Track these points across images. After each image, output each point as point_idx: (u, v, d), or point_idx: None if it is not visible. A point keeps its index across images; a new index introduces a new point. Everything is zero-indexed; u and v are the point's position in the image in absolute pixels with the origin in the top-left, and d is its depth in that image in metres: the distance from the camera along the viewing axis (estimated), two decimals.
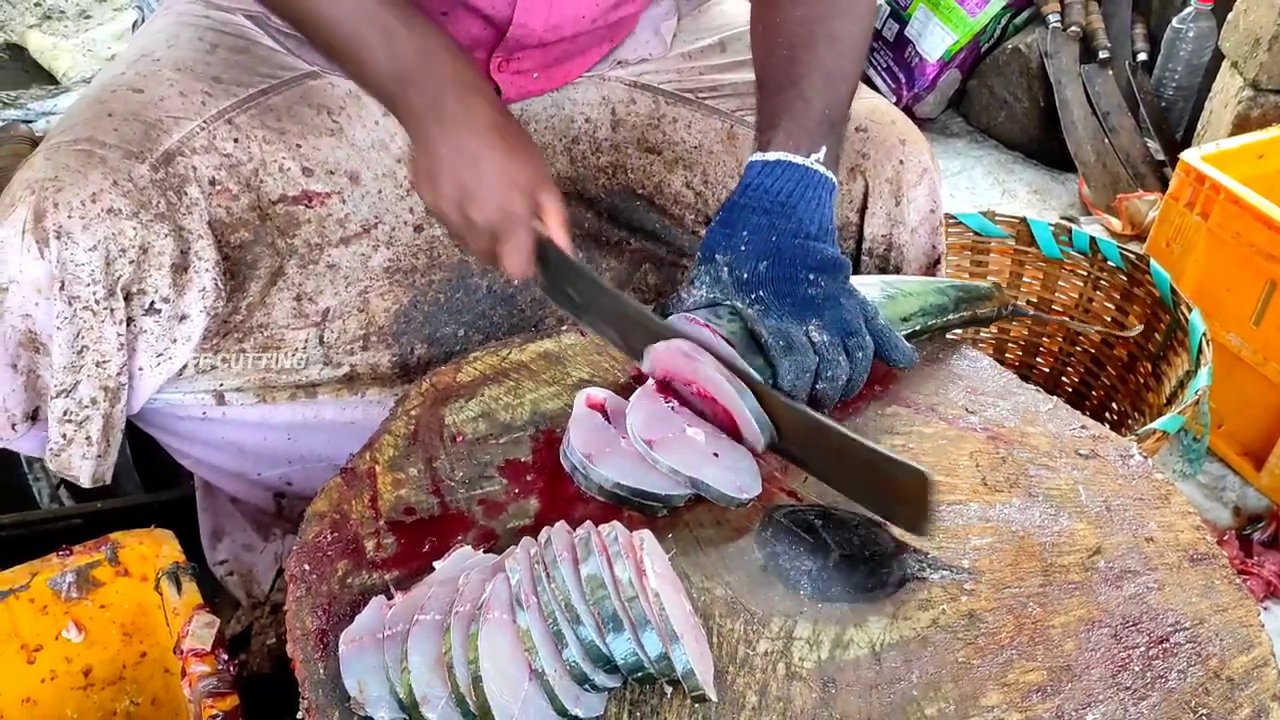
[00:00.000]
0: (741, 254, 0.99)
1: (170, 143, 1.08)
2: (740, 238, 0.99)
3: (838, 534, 0.90)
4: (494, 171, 0.97)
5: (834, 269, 1.00)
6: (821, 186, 1.01)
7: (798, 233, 0.99)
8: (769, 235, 0.99)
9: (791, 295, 0.98)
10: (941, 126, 2.88)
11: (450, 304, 1.25)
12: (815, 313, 0.98)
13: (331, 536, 0.88)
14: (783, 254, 0.98)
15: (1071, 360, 1.83)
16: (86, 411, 1.08)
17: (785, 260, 0.98)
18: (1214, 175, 1.73)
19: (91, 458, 1.11)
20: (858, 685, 0.79)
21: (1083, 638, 0.84)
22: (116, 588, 1.03)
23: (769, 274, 0.98)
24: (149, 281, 1.06)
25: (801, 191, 1.00)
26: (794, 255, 0.98)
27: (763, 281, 0.98)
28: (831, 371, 0.96)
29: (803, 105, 1.03)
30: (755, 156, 1.03)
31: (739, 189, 1.02)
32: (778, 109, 1.04)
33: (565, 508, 0.91)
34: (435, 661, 0.73)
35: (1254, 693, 0.81)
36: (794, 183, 1.00)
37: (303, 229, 1.17)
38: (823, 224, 1.01)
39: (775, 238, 0.99)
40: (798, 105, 1.04)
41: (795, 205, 1.00)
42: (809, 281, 0.98)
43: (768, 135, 1.03)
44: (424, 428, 0.98)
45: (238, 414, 1.20)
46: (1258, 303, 1.71)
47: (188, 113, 1.11)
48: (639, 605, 0.73)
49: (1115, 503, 0.96)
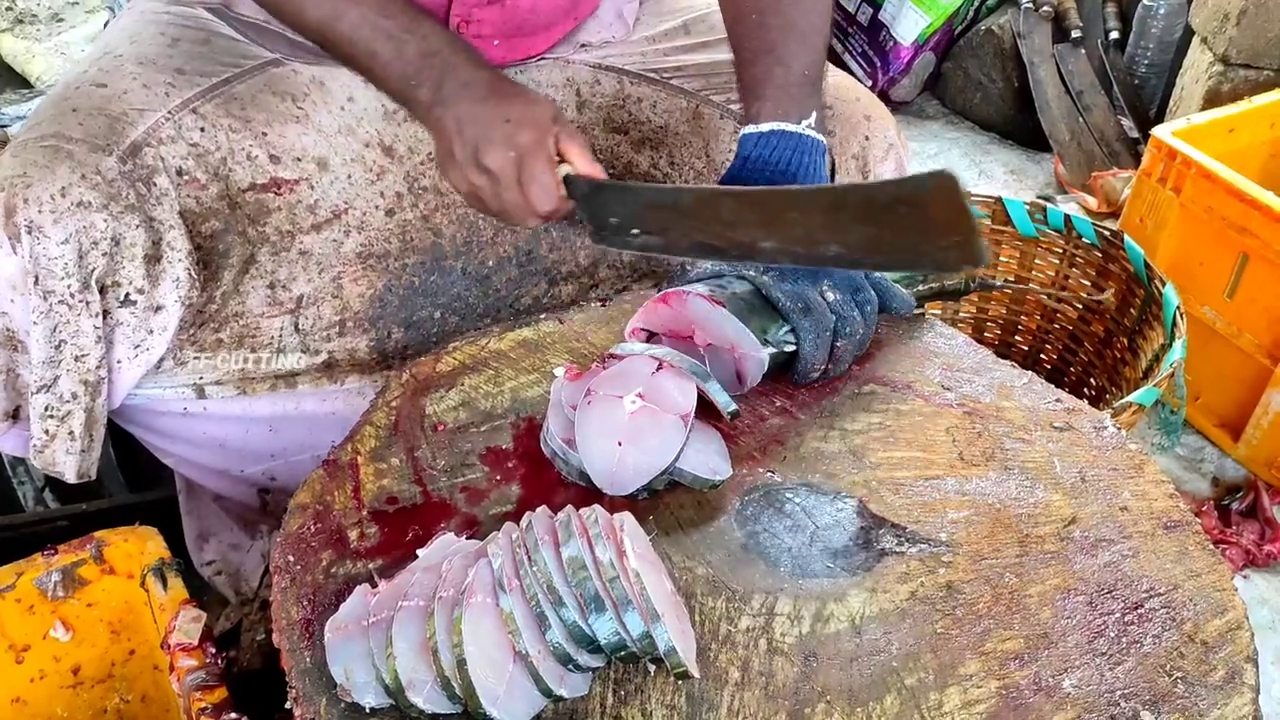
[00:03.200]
0: None
1: (136, 134, 1.09)
2: None
3: (816, 511, 0.91)
4: (496, 117, 0.98)
5: None
6: (815, 150, 1.04)
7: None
8: None
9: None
10: (917, 109, 2.89)
11: (425, 287, 1.25)
12: (825, 273, 1.02)
13: (315, 527, 0.88)
14: None
15: (1049, 337, 1.84)
16: (68, 406, 1.08)
17: None
18: (1185, 150, 1.74)
19: (75, 453, 1.11)
20: (839, 658, 0.80)
21: (1059, 606, 0.85)
22: (103, 586, 1.03)
23: None
24: (123, 273, 1.07)
25: (799, 159, 1.03)
26: None
27: None
28: (849, 328, 1.01)
29: (783, 71, 1.06)
30: (749, 129, 1.05)
31: (737, 163, 1.04)
32: (759, 78, 1.07)
33: (547, 493, 0.92)
34: (420, 646, 0.74)
35: (1228, 655, 0.83)
36: (790, 150, 1.03)
37: (273, 216, 1.18)
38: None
39: None
40: (778, 72, 1.06)
41: (795, 172, 1.03)
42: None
43: (756, 106, 1.05)
44: (405, 418, 0.99)
45: (218, 408, 1.21)
46: (1231, 275, 1.73)
47: (152, 104, 1.12)
48: (620, 585, 0.74)
49: (1090, 474, 0.98)
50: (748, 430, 0.99)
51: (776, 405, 1.02)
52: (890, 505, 0.92)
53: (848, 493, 0.93)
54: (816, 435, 0.99)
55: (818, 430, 0.99)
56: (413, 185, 1.24)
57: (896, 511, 0.92)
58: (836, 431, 1.00)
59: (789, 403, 1.03)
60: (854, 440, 0.99)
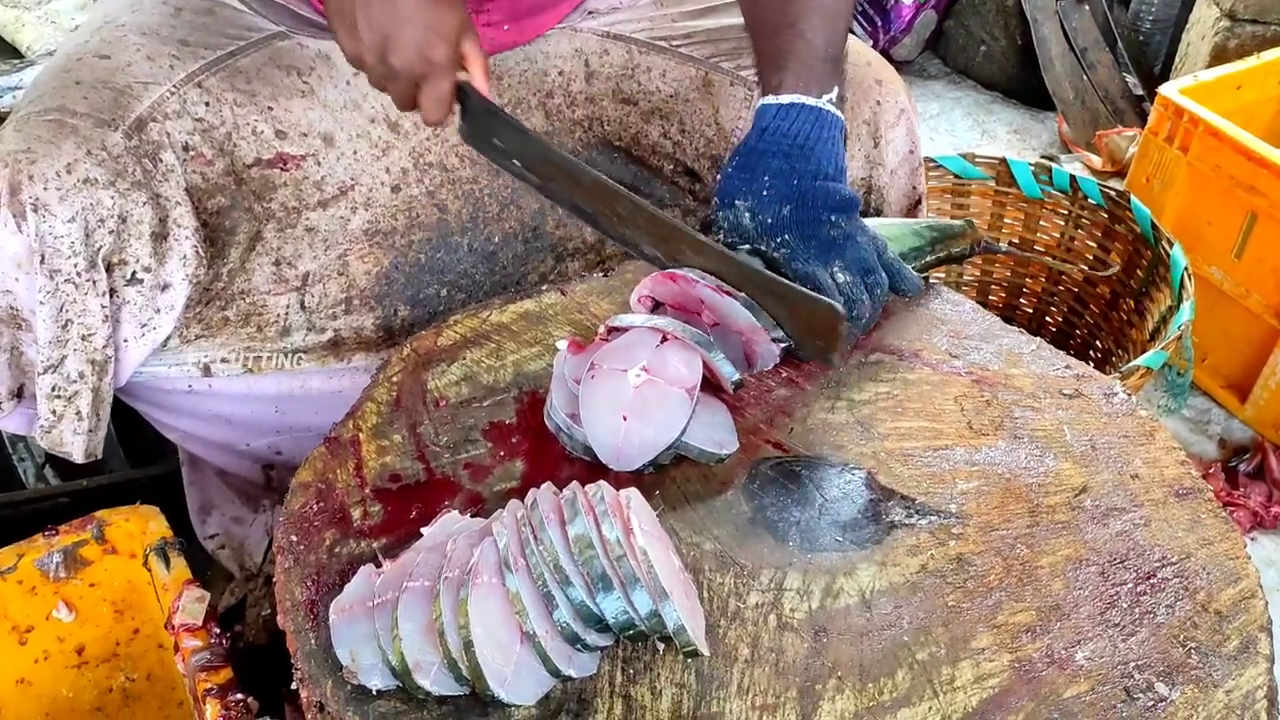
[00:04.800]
0: (764, 199, 0.99)
1: (141, 109, 1.07)
2: (761, 182, 1.00)
3: (824, 483, 0.90)
4: (415, 17, 0.94)
5: (851, 208, 1.02)
6: (835, 126, 1.02)
7: (818, 174, 1.00)
8: (790, 179, 0.99)
9: (816, 238, 1.00)
10: (919, 69, 2.85)
11: (431, 264, 1.23)
12: (837, 253, 1.00)
13: (317, 506, 0.87)
14: (805, 197, 0.99)
15: (1054, 300, 1.83)
16: (75, 386, 1.07)
17: (808, 203, 0.99)
18: (1192, 108, 1.72)
19: (83, 433, 1.10)
20: (849, 633, 0.79)
21: (1071, 576, 0.84)
22: (105, 566, 1.03)
23: (794, 218, 0.99)
24: (129, 251, 1.05)
25: (818, 133, 1.01)
26: (816, 198, 0.99)
27: (787, 225, 0.99)
28: (856, 310, 1.00)
29: (804, 45, 1.03)
30: (768, 100, 1.03)
31: (754, 133, 1.02)
32: (780, 50, 1.04)
33: (551, 469, 0.91)
34: (426, 628, 0.73)
35: (1242, 624, 0.82)
36: (810, 124, 1.01)
37: (279, 193, 1.16)
38: (839, 164, 1.02)
39: (797, 181, 0.99)
40: (800, 45, 1.03)
41: (813, 148, 1.00)
42: (830, 223, 1.00)
43: (777, 78, 1.03)
44: (407, 393, 0.98)
45: (224, 385, 1.19)
46: (1238, 235, 1.71)
47: (156, 77, 1.09)
48: (627, 564, 0.73)
49: (1100, 441, 0.97)
50: (754, 402, 0.98)
51: (783, 376, 1.01)
52: (899, 476, 0.91)
53: (856, 464, 0.92)
54: (824, 406, 0.98)
55: (825, 401, 0.98)
56: (418, 161, 1.22)
57: (905, 483, 0.91)
58: (844, 402, 0.98)
59: (795, 373, 1.01)
60: (862, 410, 0.98)
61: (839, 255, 1.00)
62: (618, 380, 0.89)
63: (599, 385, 0.89)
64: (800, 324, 0.97)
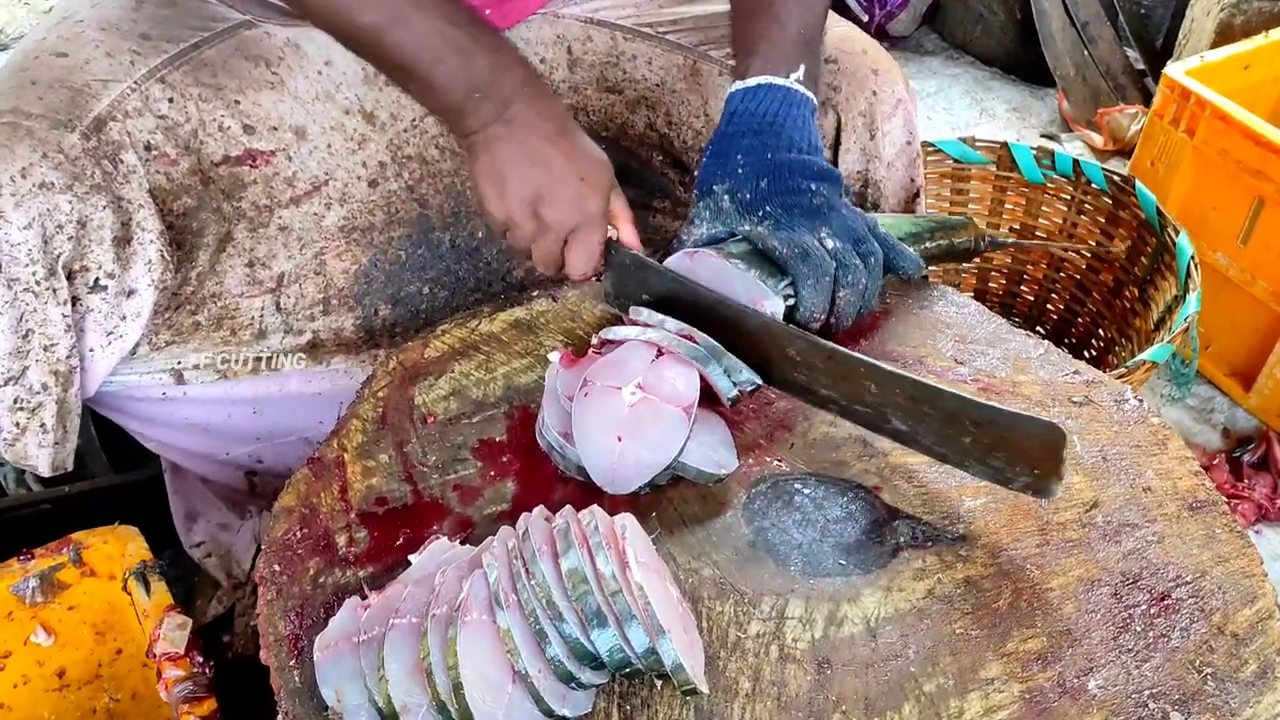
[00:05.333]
0: (739, 177, 0.98)
1: (100, 108, 1.02)
2: (735, 162, 0.98)
3: (826, 503, 0.87)
4: (567, 171, 0.96)
5: (832, 179, 0.99)
6: (804, 105, 1.01)
7: (790, 147, 0.98)
8: (763, 154, 0.98)
9: (798, 205, 0.97)
10: (916, 44, 2.80)
11: (412, 261, 1.19)
12: (823, 220, 0.97)
13: (301, 533, 0.84)
14: (780, 168, 0.97)
15: (1056, 287, 1.79)
16: (38, 398, 1.03)
17: (784, 173, 0.97)
18: (1199, 90, 1.68)
19: (49, 445, 1.06)
20: (854, 664, 0.76)
21: (1082, 599, 0.82)
22: (84, 589, 0.99)
23: (771, 188, 0.97)
24: (91, 257, 1.01)
25: (786, 110, 1.00)
26: (792, 168, 0.98)
27: (766, 197, 0.97)
28: (851, 276, 0.95)
29: (778, 29, 1.02)
30: (736, 86, 1.02)
31: (724, 119, 1.02)
32: (753, 35, 1.03)
33: (543, 489, 0.87)
34: (414, 668, 0.70)
35: (1259, 648, 0.79)
36: (777, 103, 1.00)
37: (249, 190, 1.11)
38: (810, 140, 1.00)
39: (770, 155, 0.98)
40: (773, 29, 1.02)
41: (783, 124, 0.99)
42: (811, 191, 0.98)
43: (745, 62, 1.03)
44: (393, 410, 0.94)
45: (199, 392, 1.16)
46: (1245, 221, 1.68)
47: (116, 74, 1.05)
48: (623, 600, 0.70)
49: (1111, 452, 0.94)
50: (753, 415, 0.95)
51: None
52: (904, 494, 0.88)
53: (859, 482, 0.89)
54: (825, 419, 0.94)
55: (826, 414, 0.95)
56: (396, 154, 1.17)
57: (911, 501, 0.88)
58: None
59: None
60: None
61: (824, 222, 0.97)
62: (611, 398, 0.85)
63: (592, 403, 0.85)
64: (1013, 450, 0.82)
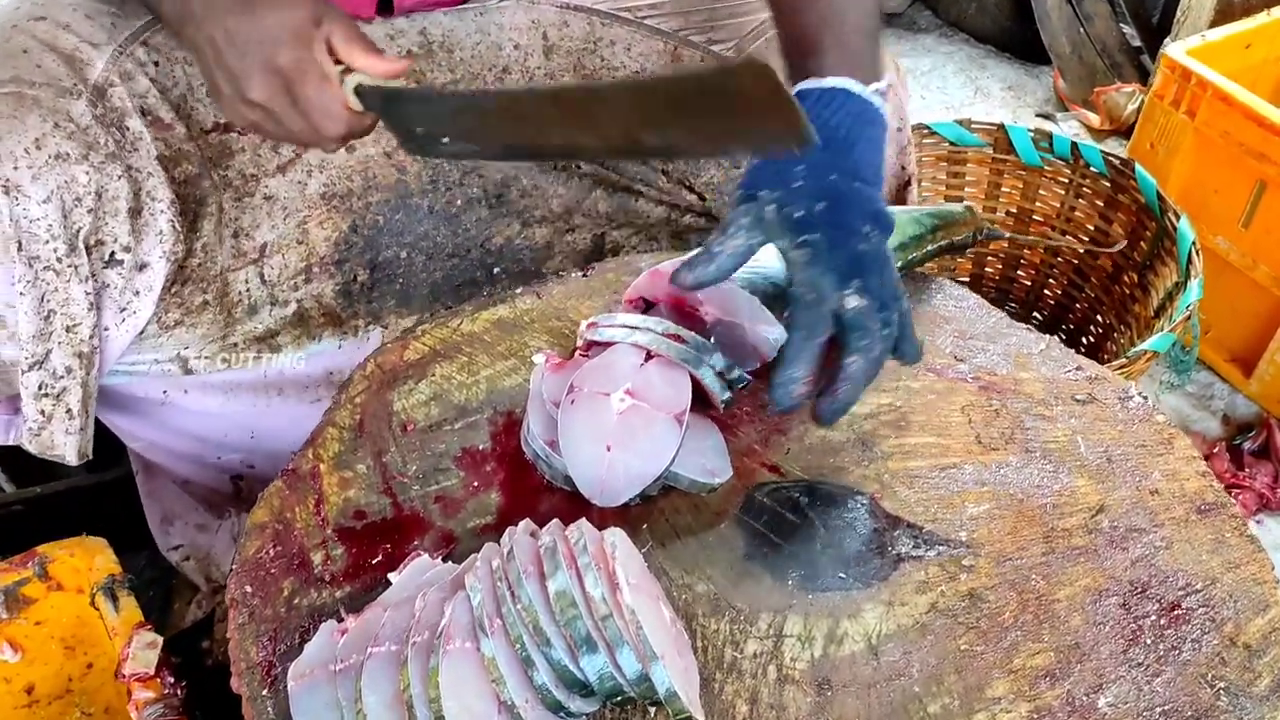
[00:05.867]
0: (795, 191, 0.84)
1: (96, 74, 0.98)
2: (793, 173, 0.85)
3: (825, 512, 0.84)
4: (251, 38, 0.85)
5: (886, 225, 0.87)
6: (879, 124, 0.90)
7: (856, 175, 0.86)
8: (827, 174, 0.85)
9: (844, 247, 0.83)
10: (909, 22, 2.75)
11: (390, 226, 1.16)
12: (859, 272, 0.83)
13: (274, 551, 0.80)
14: (843, 197, 0.85)
15: (1054, 273, 1.76)
16: (62, 383, 0.99)
17: (845, 205, 0.85)
18: (1200, 71, 1.64)
19: (75, 432, 1.02)
20: (855, 685, 0.73)
21: (1090, 610, 0.79)
22: (51, 603, 0.96)
23: (826, 217, 0.84)
24: (107, 230, 0.97)
25: (861, 129, 0.88)
26: (852, 200, 0.85)
27: (818, 224, 0.83)
28: (866, 341, 0.81)
29: (839, 21, 0.92)
30: (808, 84, 0.89)
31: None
32: (814, 25, 0.92)
33: (529, 501, 0.84)
34: (393, 699, 0.66)
35: (1273, 659, 0.76)
36: (852, 117, 0.88)
37: (236, 159, 1.08)
38: (878, 169, 0.89)
39: (834, 177, 0.85)
40: (836, 21, 0.92)
41: (855, 143, 0.87)
42: (863, 236, 0.84)
43: (813, 59, 0.90)
44: (371, 417, 0.90)
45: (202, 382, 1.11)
46: (1246, 204, 1.64)
47: (99, 38, 1.00)
48: (613, 624, 0.66)
49: (1116, 452, 0.90)
50: (747, 419, 0.91)
51: None
52: (905, 501, 0.85)
53: (858, 488, 0.86)
54: None
55: None
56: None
57: (912, 509, 0.84)
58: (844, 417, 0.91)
59: None
60: (862, 426, 0.91)
61: (859, 275, 0.82)
62: (599, 406, 0.82)
63: (579, 411, 0.81)
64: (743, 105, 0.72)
